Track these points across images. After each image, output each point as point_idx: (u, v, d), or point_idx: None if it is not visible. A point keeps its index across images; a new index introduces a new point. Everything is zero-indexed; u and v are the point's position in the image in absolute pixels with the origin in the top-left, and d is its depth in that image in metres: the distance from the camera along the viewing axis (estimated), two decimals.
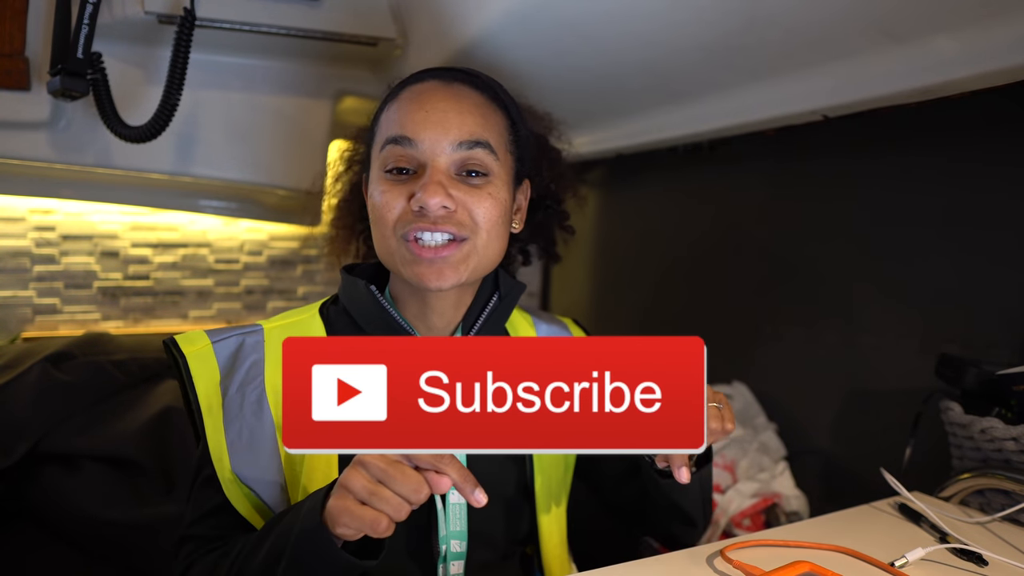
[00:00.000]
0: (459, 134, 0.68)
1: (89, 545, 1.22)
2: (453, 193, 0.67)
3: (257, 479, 0.69)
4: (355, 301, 0.75)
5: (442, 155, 0.68)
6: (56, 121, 1.29)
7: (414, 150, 0.68)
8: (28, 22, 1.20)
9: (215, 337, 0.72)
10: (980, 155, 1.05)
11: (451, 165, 0.68)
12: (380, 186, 0.69)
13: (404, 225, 0.67)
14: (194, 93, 1.33)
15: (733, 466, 1.30)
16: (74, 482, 1.23)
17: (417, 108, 0.69)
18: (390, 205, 0.68)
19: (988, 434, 0.83)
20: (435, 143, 0.67)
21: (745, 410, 1.43)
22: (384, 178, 0.69)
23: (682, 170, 1.65)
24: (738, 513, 1.22)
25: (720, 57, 0.99)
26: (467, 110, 0.69)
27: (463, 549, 0.71)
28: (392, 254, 0.69)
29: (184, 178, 1.44)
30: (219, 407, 0.69)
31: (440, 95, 0.69)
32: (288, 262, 1.83)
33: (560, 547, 0.80)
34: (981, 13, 0.75)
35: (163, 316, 1.71)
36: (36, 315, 1.59)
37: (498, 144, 0.71)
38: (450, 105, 0.69)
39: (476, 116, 0.70)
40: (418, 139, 0.67)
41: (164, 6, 1.17)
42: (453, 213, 0.67)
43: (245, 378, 0.70)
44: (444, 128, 0.68)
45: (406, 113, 0.69)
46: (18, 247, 1.55)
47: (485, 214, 0.68)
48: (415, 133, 0.68)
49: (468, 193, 0.68)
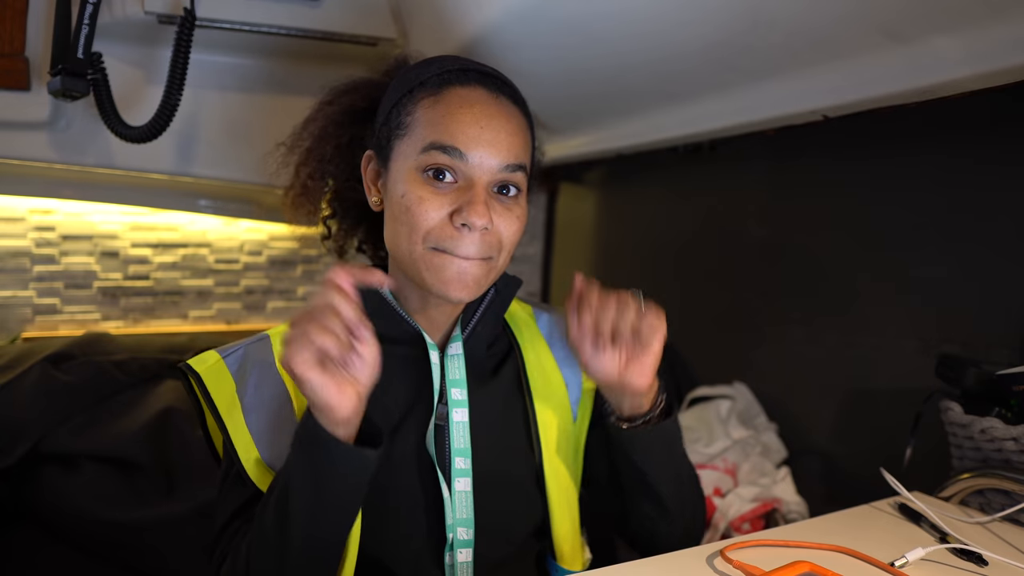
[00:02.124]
0: (508, 156, 0.68)
1: (89, 545, 1.22)
2: (492, 214, 0.68)
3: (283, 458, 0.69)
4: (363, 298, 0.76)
5: (489, 174, 0.68)
6: (56, 121, 1.29)
7: (462, 163, 0.67)
8: (28, 22, 1.20)
9: (224, 352, 0.74)
10: (980, 155, 1.05)
11: (493, 184, 0.69)
12: (417, 190, 0.67)
13: (439, 239, 0.67)
14: (194, 93, 1.33)
15: (735, 470, 1.30)
16: (74, 482, 1.23)
17: (471, 121, 0.68)
18: (427, 215, 0.67)
19: (988, 434, 0.84)
20: (486, 161, 0.67)
21: (745, 410, 1.43)
22: (422, 181, 0.68)
23: (682, 170, 1.65)
24: (737, 517, 1.22)
25: (721, 57, 0.99)
26: (516, 131, 0.70)
27: (470, 537, 0.71)
28: (415, 260, 0.69)
29: (184, 178, 1.44)
30: (239, 411, 0.70)
31: (492, 110, 0.69)
32: (288, 262, 1.83)
33: (573, 534, 0.80)
34: (981, 13, 0.75)
35: (163, 316, 1.71)
36: (36, 315, 1.59)
37: (529, 165, 0.72)
38: (502, 124, 0.69)
39: (521, 139, 0.70)
40: (470, 154, 0.67)
41: (164, 6, 1.16)
42: (487, 234, 0.68)
43: (259, 380, 0.72)
44: (496, 148, 0.67)
45: (458, 123, 0.67)
46: (18, 247, 1.55)
47: (511, 236, 0.70)
48: (468, 147, 0.67)
49: (501, 214, 0.69)
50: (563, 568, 0.77)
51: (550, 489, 0.77)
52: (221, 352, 0.74)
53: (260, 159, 0.95)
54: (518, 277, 0.81)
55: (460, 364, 0.75)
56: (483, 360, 0.79)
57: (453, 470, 0.71)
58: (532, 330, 0.84)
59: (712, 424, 1.40)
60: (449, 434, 0.72)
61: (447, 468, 0.72)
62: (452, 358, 0.75)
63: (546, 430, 0.78)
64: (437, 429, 0.73)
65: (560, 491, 0.78)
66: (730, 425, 1.39)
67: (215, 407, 0.70)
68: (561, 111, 1.41)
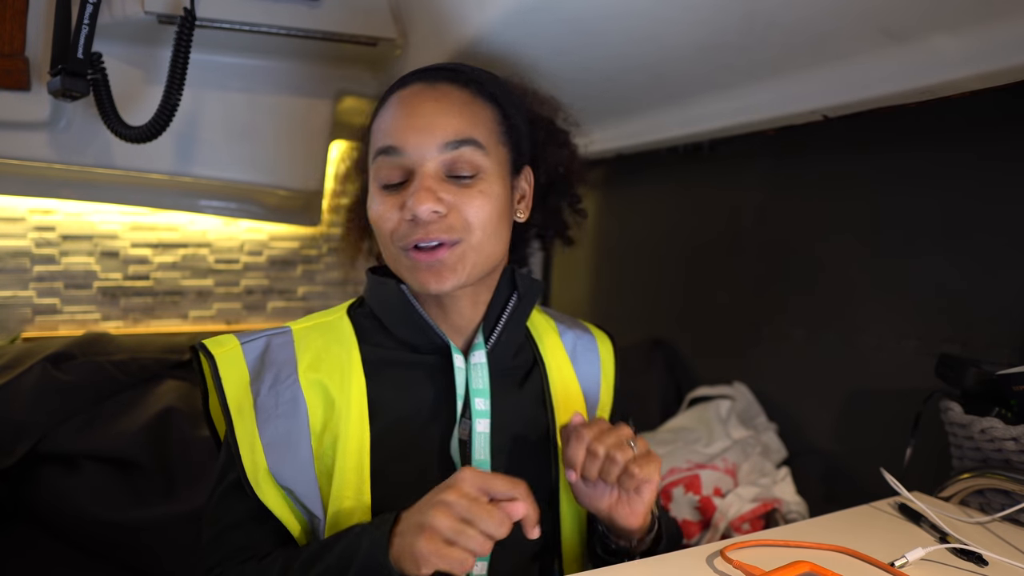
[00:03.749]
0: (444, 135, 0.68)
1: (89, 545, 1.22)
2: (443, 196, 0.67)
3: (295, 477, 0.68)
4: (382, 302, 0.75)
5: (429, 160, 0.68)
6: (56, 121, 1.29)
7: (403, 158, 0.69)
8: (28, 22, 1.20)
9: (244, 339, 0.72)
10: (980, 155, 1.05)
11: (440, 167, 0.68)
12: (375, 199, 0.71)
13: (401, 237, 0.68)
14: (194, 93, 1.33)
15: (735, 470, 1.30)
16: (74, 482, 1.23)
17: (403, 115, 0.69)
18: (385, 217, 0.69)
19: (988, 434, 0.83)
20: (421, 148, 0.68)
21: (745, 410, 1.43)
22: (379, 191, 0.71)
23: (682, 170, 1.65)
24: (737, 517, 1.22)
25: (720, 57, 0.99)
26: (451, 110, 0.69)
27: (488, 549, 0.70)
28: (396, 263, 0.71)
29: (184, 178, 1.44)
30: (250, 408, 0.68)
31: (424, 97, 0.70)
32: (288, 262, 1.83)
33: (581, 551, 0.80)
34: (981, 13, 0.75)
35: (163, 316, 1.71)
36: (36, 315, 1.58)
37: (487, 139, 0.71)
38: (433, 107, 0.69)
39: (461, 115, 0.69)
40: (405, 147, 0.68)
41: (164, 6, 1.16)
42: (445, 217, 0.67)
43: (276, 378, 0.69)
44: (429, 132, 0.68)
45: (393, 121, 0.70)
46: (18, 247, 1.55)
47: (477, 213, 0.68)
48: (401, 141, 0.68)
49: (459, 194, 0.68)
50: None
51: (563, 510, 0.77)
52: (241, 338, 0.72)
53: (260, 159, 0.95)
54: (539, 280, 0.79)
55: (484, 374, 0.73)
56: (508, 370, 0.78)
57: None
58: (556, 344, 0.83)
59: (712, 424, 1.40)
60: (471, 445, 0.71)
61: None
62: (476, 367, 0.73)
63: None
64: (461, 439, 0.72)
65: (572, 512, 0.78)
66: (730, 425, 1.39)
67: (224, 396, 0.68)
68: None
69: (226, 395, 0.68)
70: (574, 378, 0.82)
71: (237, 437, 0.67)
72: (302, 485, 0.68)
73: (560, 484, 0.77)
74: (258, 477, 0.67)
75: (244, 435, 0.67)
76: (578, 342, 0.86)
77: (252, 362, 0.70)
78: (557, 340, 0.84)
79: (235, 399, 0.68)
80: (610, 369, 0.88)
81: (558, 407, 0.78)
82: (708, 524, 1.25)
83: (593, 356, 0.86)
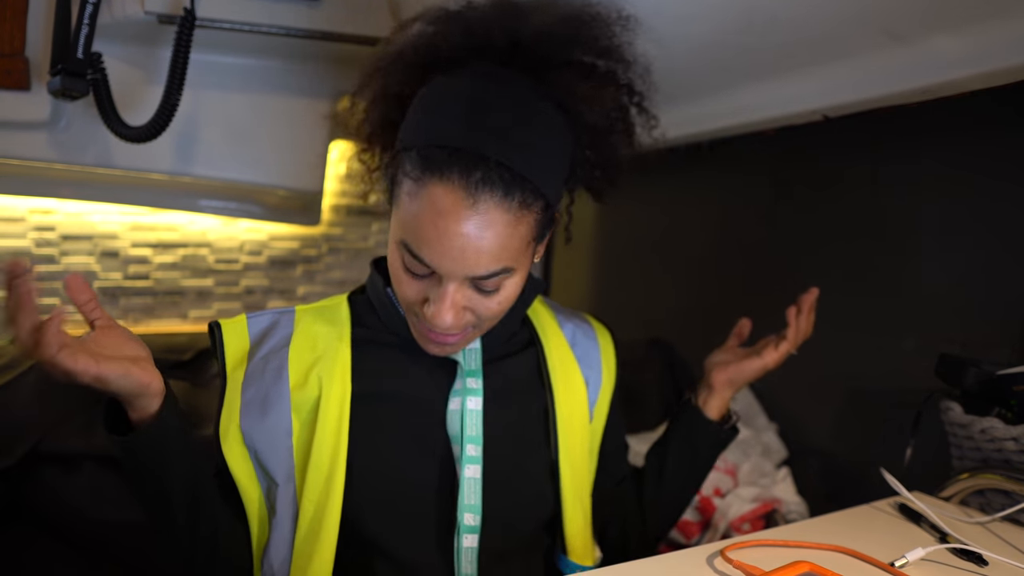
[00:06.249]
0: (476, 269, 0.65)
1: (89, 545, 1.22)
2: (466, 306, 0.68)
3: (262, 439, 0.71)
4: (377, 297, 0.79)
5: (457, 279, 0.66)
6: (56, 121, 1.29)
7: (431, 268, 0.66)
8: (28, 22, 1.20)
9: (252, 315, 0.77)
10: (980, 155, 1.05)
11: (466, 284, 0.67)
12: (397, 268, 0.69)
13: (417, 314, 0.70)
14: (194, 93, 1.33)
15: (735, 470, 1.30)
16: (74, 482, 1.23)
17: (434, 235, 0.63)
18: (405, 293, 0.69)
19: (988, 434, 0.83)
20: (451, 272, 0.65)
21: (745, 410, 1.43)
22: (401, 260, 0.68)
23: (682, 170, 1.65)
24: (737, 518, 1.22)
25: (720, 57, 0.99)
26: (488, 244, 0.63)
27: (476, 523, 0.72)
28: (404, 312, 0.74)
29: (184, 178, 1.43)
30: (242, 372, 0.73)
31: (460, 219, 0.62)
32: (288, 262, 1.83)
33: (585, 530, 0.81)
34: (981, 13, 0.75)
35: (163, 316, 1.71)
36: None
37: (523, 252, 0.68)
38: (469, 241, 0.63)
39: (500, 247, 0.64)
40: (434, 266, 0.65)
41: (164, 6, 1.16)
42: (456, 326, 0.68)
43: (271, 350, 0.74)
44: (462, 264, 0.64)
45: (422, 231, 0.64)
46: (18, 247, 1.55)
47: (492, 312, 0.69)
48: (432, 260, 0.65)
49: (479, 302, 0.68)
50: (574, 563, 0.78)
51: (564, 484, 0.78)
52: (249, 315, 0.77)
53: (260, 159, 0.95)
54: (542, 280, 0.82)
55: (476, 357, 0.77)
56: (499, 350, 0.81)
57: (464, 457, 0.73)
58: (555, 330, 0.86)
59: None
60: (462, 421, 0.74)
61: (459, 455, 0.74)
62: (469, 350, 0.77)
63: (564, 424, 0.79)
64: (452, 416, 0.75)
65: (574, 486, 0.79)
66: None
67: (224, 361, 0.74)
68: None
69: (225, 358, 0.74)
70: (573, 360, 0.84)
71: (225, 394, 0.73)
72: (268, 447, 0.72)
73: (560, 458, 0.78)
74: (229, 432, 0.72)
75: (231, 393, 0.72)
76: (577, 331, 0.88)
77: (255, 335, 0.76)
78: (556, 327, 0.86)
79: (232, 363, 0.74)
80: (611, 355, 0.90)
81: (556, 386, 0.80)
82: (708, 524, 1.25)
83: (592, 343, 0.88)
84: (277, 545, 0.71)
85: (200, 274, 1.74)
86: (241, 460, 0.72)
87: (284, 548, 0.71)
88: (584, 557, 0.79)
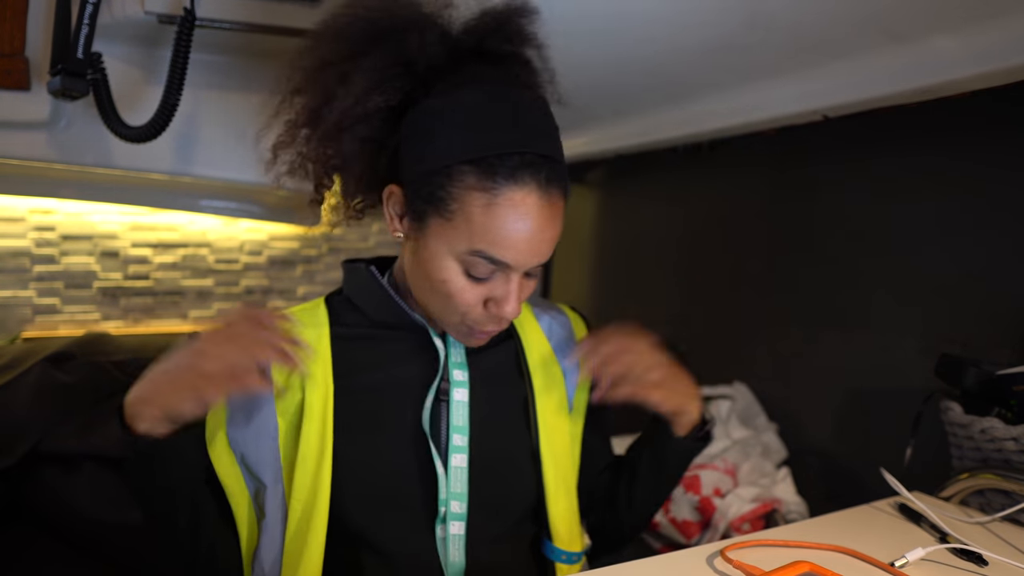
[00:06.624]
0: (546, 256, 0.69)
1: (89, 545, 1.22)
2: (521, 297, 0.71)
3: (247, 442, 0.73)
4: (359, 288, 0.80)
5: (525, 270, 0.69)
6: (56, 121, 1.29)
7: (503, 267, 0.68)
8: (28, 22, 1.20)
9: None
10: (980, 155, 1.05)
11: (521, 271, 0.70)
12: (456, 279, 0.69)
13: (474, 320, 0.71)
14: (194, 93, 1.33)
15: (735, 470, 1.30)
16: (74, 483, 1.23)
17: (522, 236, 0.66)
18: (466, 302, 0.70)
19: (988, 434, 0.84)
20: (527, 265, 0.68)
21: (745, 410, 1.43)
22: (462, 272, 0.69)
23: (682, 170, 1.65)
24: (737, 518, 1.22)
25: (720, 57, 0.99)
26: (556, 231, 0.70)
27: (463, 511, 0.73)
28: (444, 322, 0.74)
29: (184, 178, 1.43)
30: None
31: (541, 216, 0.67)
32: (288, 262, 1.83)
33: (570, 515, 0.81)
34: (981, 13, 0.75)
35: (163, 316, 1.71)
36: (36, 315, 1.58)
37: None
38: (548, 234, 0.68)
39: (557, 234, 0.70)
40: (514, 263, 0.67)
41: (164, 6, 1.16)
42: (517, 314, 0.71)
43: None
44: (539, 256, 0.68)
45: (506, 235, 0.66)
46: (18, 247, 1.55)
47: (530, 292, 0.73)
48: (513, 259, 0.67)
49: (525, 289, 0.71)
50: (559, 549, 0.78)
51: (546, 472, 0.79)
52: None
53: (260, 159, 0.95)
54: None
55: (461, 350, 0.79)
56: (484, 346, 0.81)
57: (451, 447, 0.74)
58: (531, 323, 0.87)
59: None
60: (449, 411, 0.76)
61: (445, 444, 0.75)
62: (455, 342, 0.78)
63: (544, 412, 0.81)
64: (437, 406, 0.76)
65: (556, 472, 0.80)
66: (730, 425, 1.39)
67: None
68: (561, 111, 1.41)
69: None
70: (551, 351, 0.86)
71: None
72: (254, 451, 0.73)
73: (541, 448, 0.79)
74: (216, 440, 0.73)
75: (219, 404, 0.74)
76: (553, 322, 0.89)
77: None
78: (533, 319, 0.88)
79: None
80: None
81: (535, 375, 0.82)
82: (708, 524, 1.25)
83: (568, 334, 0.89)
84: (267, 547, 0.73)
85: (200, 274, 1.74)
86: (229, 467, 0.74)
87: (274, 549, 0.72)
88: (570, 543, 0.80)
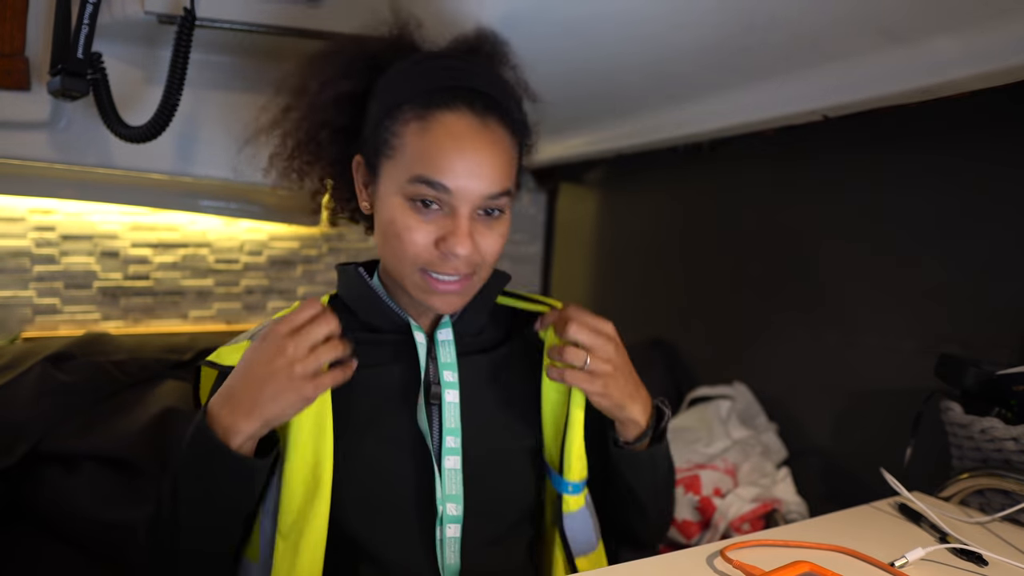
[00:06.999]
0: (491, 186, 0.70)
1: (89, 545, 1.22)
2: (476, 238, 0.71)
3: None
4: (350, 292, 0.81)
5: (472, 203, 0.70)
6: (56, 121, 1.29)
7: (447, 194, 0.69)
8: (28, 22, 1.19)
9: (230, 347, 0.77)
10: (980, 155, 1.05)
11: (476, 209, 0.71)
12: (404, 218, 0.71)
13: (426, 262, 0.71)
14: (194, 93, 1.33)
15: (735, 470, 1.30)
16: (74, 482, 1.23)
17: (455, 155, 0.69)
18: (415, 242, 0.70)
19: (988, 434, 0.84)
20: (468, 192, 0.69)
21: (746, 410, 1.43)
22: (409, 209, 0.71)
23: (682, 170, 1.65)
24: (737, 518, 1.22)
25: (720, 57, 0.99)
26: (500, 160, 0.71)
27: (459, 513, 0.73)
28: (404, 278, 0.74)
29: (184, 178, 1.43)
30: None
31: (477, 141, 0.70)
32: (288, 262, 1.83)
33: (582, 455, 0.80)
34: (981, 13, 0.75)
35: (163, 316, 1.71)
36: (36, 315, 1.58)
37: (514, 175, 0.74)
38: (486, 154, 0.70)
39: (506, 165, 0.72)
40: (453, 187, 0.69)
41: (164, 6, 1.16)
42: (471, 256, 0.71)
43: None
44: (480, 180, 0.69)
45: (443, 157, 0.69)
46: (18, 247, 1.55)
47: (494, 251, 0.73)
48: (452, 183, 0.69)
49: (484, 235, 0.72)
50: (566, 480, 0.77)
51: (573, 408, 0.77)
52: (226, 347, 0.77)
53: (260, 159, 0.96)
54: (507, 273, 0.84)
55: (451, 349, 0.79)
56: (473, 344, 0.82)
57: (444, 449, 0.74)
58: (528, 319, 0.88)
59: (712, 424, 1.40)
60: (441, 414, 0.76)
61: (438, 446, 0.75)
62: (443, 343, 0.78)
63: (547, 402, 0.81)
64: (429, 409, 0.76)
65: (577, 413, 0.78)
66: (730, 425, 1.39)
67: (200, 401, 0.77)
68: (561, 111, 1.41)
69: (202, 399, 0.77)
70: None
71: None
72: None
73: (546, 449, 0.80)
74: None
75: None
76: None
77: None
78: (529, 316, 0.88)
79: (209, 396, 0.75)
80: None
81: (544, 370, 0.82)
82: (708, 524, 1.25)
83: None
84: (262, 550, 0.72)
85: (200, 274, 1.74)
86: None
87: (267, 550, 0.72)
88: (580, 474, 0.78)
